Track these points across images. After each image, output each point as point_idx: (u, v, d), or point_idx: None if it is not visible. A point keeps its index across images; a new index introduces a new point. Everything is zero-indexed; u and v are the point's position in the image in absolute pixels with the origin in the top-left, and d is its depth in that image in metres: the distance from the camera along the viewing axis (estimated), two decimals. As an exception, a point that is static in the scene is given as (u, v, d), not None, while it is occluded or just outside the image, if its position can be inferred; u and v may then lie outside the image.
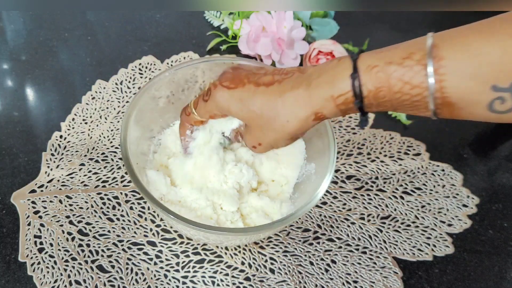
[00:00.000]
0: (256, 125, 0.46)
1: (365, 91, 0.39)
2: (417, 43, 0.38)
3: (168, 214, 0.47)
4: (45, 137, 0.67)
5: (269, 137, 0.46)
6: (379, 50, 0.40)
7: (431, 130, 0.73)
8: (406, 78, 0.37)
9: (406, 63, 0.37)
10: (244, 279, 0.57)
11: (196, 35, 0.84)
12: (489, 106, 0.36)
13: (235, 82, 0.46)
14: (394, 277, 0.58)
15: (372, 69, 0.39)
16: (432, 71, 0.36)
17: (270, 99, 0.43)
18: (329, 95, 0.41)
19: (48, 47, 0.80)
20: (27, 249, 0.57)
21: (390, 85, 0.38)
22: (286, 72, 0.45)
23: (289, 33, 0.74)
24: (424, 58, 0.36)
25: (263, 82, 0.44)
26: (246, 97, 0.45)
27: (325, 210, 0.63)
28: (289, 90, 0.42)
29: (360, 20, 0.89)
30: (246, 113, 0.45)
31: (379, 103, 0.40)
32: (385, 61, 0.38)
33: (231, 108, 0.46)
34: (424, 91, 0.37)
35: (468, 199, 0.66)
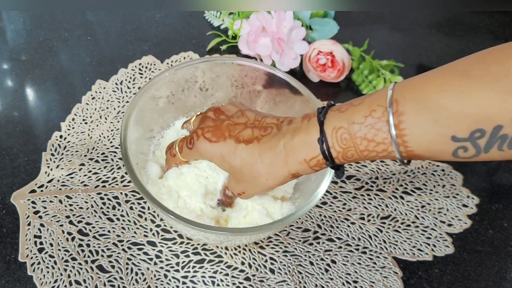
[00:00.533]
0: (238, 178, 0.49)
1: (333, 153, 0.41)
2: (379, 98, 0.39)
3: (168, 214, 0.47)
4: (45, 137, 0.67)
5: (251, 189, 0.49)
6: (344, 106, 0.41)
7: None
8: (370, 136, 0.39)
9: (368, 122, 0.38)
10: (244, 279, 0.57)
11: (196, 35, 0.84)
12: (454, 154, 0.37)
13: (217, 135, 0.48)
14: (394, 277, 0.58)
15: (337, 131, 0.40)
16: (393, 127, 0.37)
17: (250, 160, 0.46)
18: (302, 158, 0.43)
19: (48, 47, 0.79)
20: (27, 249, 0.57)
21: (356, 145, 0.40)
22: (265, 126, 0.47)
23: (289, 33, 0.74)
24: (385, 115, 0.37)
25: (243, 138, 0.46)
26: (227, 153, 0.47)
27: (325, 210, 0.63)
28: (268, 151, 0.45)
29: (360, 20, 0.89)
30: (228, 168, 0.48)
31: (348, 160, 0.42)
32: (348, 121, 0.40)
33: (213, 160, 0.49)
34: (388, 147, 0.38)
35: (468, 199, 0.66)
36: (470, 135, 0.35)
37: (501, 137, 0.34)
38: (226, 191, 0.54)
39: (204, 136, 0.49)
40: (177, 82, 0.61)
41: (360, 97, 0.41)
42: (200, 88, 0.63)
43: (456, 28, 0.89)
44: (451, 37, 0.87)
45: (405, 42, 0.85)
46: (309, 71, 0.77)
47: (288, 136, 0.44)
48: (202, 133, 0.49)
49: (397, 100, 0.37)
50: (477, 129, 0.34)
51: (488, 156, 0.36)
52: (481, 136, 0.34)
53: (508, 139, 0.34)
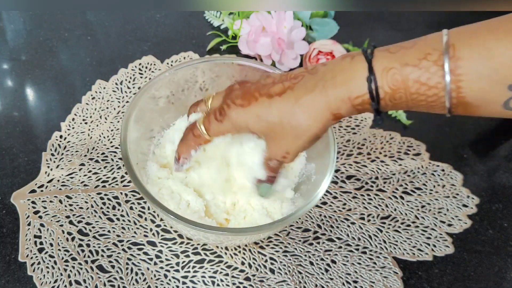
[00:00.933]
0: (279, 136, 0.45)
1: (381, 93, 0.39)
2: (432, 42, 0.38)
3: (168, 214, 0.47)
4: (45, 137, 0.67)
5: (295, 143, 0.45)
6: (393, 47, 0.40)
7: (431, 130, 0.73)
8: (423, 79, 0.37)
9: (422, 64, 0.37)
10: (244, 279, 0.57)
11: (196, 35, 0.84)
12: (505, 104, 0.36)
13: (248, 99, 0.45)
14: (394, 277, 0.58)
15: (389, 71, 0.38)
16: (449, 72, 0.36)
17: (287, 108, 0.43)
18: (346, 96, 0.41)
19: (48, 47, 0.79)
20: (27, 249, 0.57)
21: (407, 87, 0.38)
22: (294, 76, 0.44)
23: (289, 33, 0.74)
24: (440, 59, 0.36)
25: (275, 92, 0.44)
26: (262, 112, 0.44)
27: (325, 210, 0.63)
28: (304, 95, 0.42)
29: (360, 20, 0.89)
30: (266, 126, 0.45)
31: (394, 104, 0.40)
32: (401, 62, 0.38)
33: (249, 125, 0.46)
34: (440, 92, 0.37)
35: (468, 199, 0.66)
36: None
37: None
38: (269, 163, 0.50)
39: (234, 103, 0.46)
40: (177, 82, 0.61)
41: (410, 40, 0.40)
42: (200, 88, 0.63)
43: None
44: (451, 37, 0.86)
45: (405, 42, 0.84)
46: (309, 71, 0.77)
47: (328, 75, 0.42)
48: (232, 101, 0.46)
49: (454, 45, 0.36)
50: None
51: None
52: None
53: None
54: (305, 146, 0.46)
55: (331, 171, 0.52)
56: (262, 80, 0.47)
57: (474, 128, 0.75)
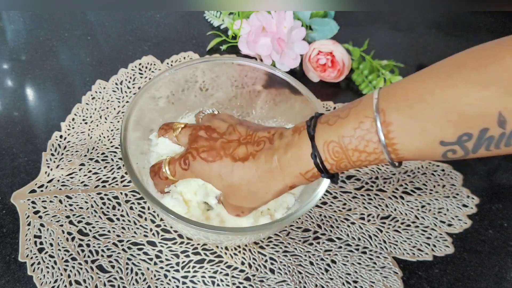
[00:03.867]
0: (236, 196, 0.49)
1: (327, 165, 0.42)
2: (365, 109, 0.40)
3: (168, 214, 0.47)
4: (45, 137, 0.67)
5: (250, 205, 0.50)
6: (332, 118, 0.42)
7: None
8: (361, 147, 0.40)
9: (357, 134, 0.39)
10: (244, 279, 0.57)
11: (196, 35, 0.84)
12: (443, 156, 0.38)
13: (212, 155, 0.48)
14: (394, 277, 0.58)
15: (329, 144, 0.41)
16: (383, 138, 0.38)
17: (249, 176, 0.46)
18: (298, 172, 0.44)
19: (48, 47, 0.79)
20: (27, 249, 0.57)
21: (348, 156, 0.41)
22: (257, 141, 0.47)
23: (289, 33, 0.74)
24: (373, 126, 0.39)
25: (239, 156, 0.47)
26: (224, 172, 0.48)
27: (325, 210, 0.63)
28: (263, 166, 0.46)
29: (360, 20, 0.89)
30: (226, 186, 0.48)
31: (342, 170, 0.43)
32: (338, 135, 0.41)
33: (211, 180, 0.49)
34: (380, 155, 0.40)
35: (468, 199, 0.66)
36: (458, 139, 0.36)
37: (488, 138, 0.35)
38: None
39: (200, 156, 0.49)
40: (177, 82, 0.61)
41: (346, 107, 0.42)
42: (200, 88, 0.63)
43: (456, 28, 0.88)
44: (451, 37, 0.87)
45: (405, 42, 0.85)
46: (309, 71, 0.77)
47: (281, 151, 0.45)
48: (198, 154, 0.49)
49: (384, 110, 0.38)
50: (464, 133, 0.35)
51: (476, 155, 0.37)
52: (468, 139, 0.36)
53: (495, 140, 0.35)
54: (259, 207, 0.51)
55: None
56: (227, 135, 0.49)
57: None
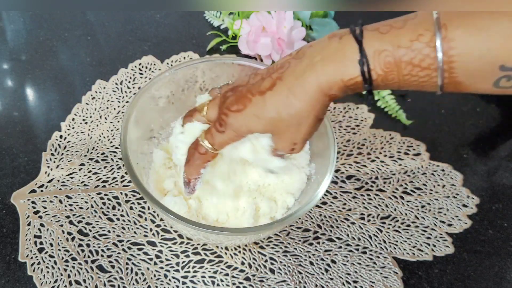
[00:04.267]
0: (282, 129, 0.45)
1: (374, 76, 0.39)
2: (424, 21, 0.37)
3: (168, 214, 0.47)
4: (45, 137, 0.67)
5: (299, 131, 0.45)
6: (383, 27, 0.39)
7: (431, 130, 0.73)
8: (416, 61, 0.37)
9: (415, 46, 0.37)
10: (244, 279, 0.57)
11: (196, 35, 0.84)
12: (495, 83, 0.36)
13: (242, 102, 0.45)
14: (394, 277, 0.58)
15: (381, 53, 0.38)
16: (441, 53, 0.36)
17: (282, 99, 0.42)
18: (339, 79, 0.40)
19: (48, 47, 0.79)
20: (27, 249, 0.57)
21: (400, 69, 0.38)
22: (281, 65, 0.44)
23: (289, 33, 0.74)
24: (432, 40, 0.36)
25: (266, 87, 0.43)
26: (259, 110, 0.44)
27: (325, 210, 0.63)
28: (295, 82, 0.42)
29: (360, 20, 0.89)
30: (267, 123, 0.44)
31: (386, 84, 0.40)
32: (393, 44, 0.38)
33: (250, 127, 0.45)
34: (433, 72, 0.37)
35: (468, 199, 0.66)
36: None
37: None
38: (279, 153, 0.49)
39: (231, 110, 0.45)
40: (177, 82, 0.60)
41: (400, 18, 0.39)
42: (200, 88, 0.63)
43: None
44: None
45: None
46: (309, 71, 0.77)
47: (317, 57, 0.41)
48: (229, 109, 0.46)
49: (446, 25, 0.36)
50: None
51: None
52: None
53: None
54: (310, 132, 0.45)
55: (331, 171, 0.52)
56: (251, 80, 0.46)
57: (474, 128, 0.74)
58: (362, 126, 0.72)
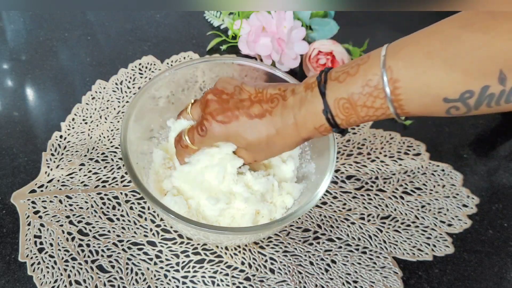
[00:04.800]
0: (253, 149, 0.51)
1: (338, 120, 0.45)
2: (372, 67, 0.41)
3: (168, 214, 0.47)
4: (45, 137, 0.67)
5: (265, 155, 0.52)
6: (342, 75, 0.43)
7: (431, 130, 0.73)
8: (369, 103, 0.42)
9: (365, 91, 0.41)
10: (244, 279, 0.57)
11: (196, 35, 0.84)
12: (447, 112, 0.40)
13: (228, 116, 0.49)
14: (394, 277, 0.58)
15: (339, 101, 0.43)
16: (389, 95, 0.40)
17: (267, 132, 0.48)
18: (313, 127, 0.46)
19: (48, 47, 0.79)
20: (27, 249, 0.57)
21: (357, 112, 0.43)
22: (270, 99, 0.49)
23: (289, 33, 0.74)
24: (380, 83, 0.40)
25: (255, 114, 0.48)
26: (242, 130, 0.49)
27: (325, 210, 0.63)
28: (280, 122, 0.48)
29: (360, 20, 0.89)
30: (245, 143, 0.50)
31: (352, 125, 0.45)
32: (347, 92, 0.42)
33: (230, 139, 0.51)
34: (386, 111, 0.42)
35: (468, 199, 0.66)
36: (460, 96, 0.37)
37: (489, 95, 0.37)
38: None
39: (215, 119, 0.50)
40: (177, 82, 0.60)
41: (355, 63, 0.43)
42: (200, 88, 0.63)
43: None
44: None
45: (405, 42, 0.84)
46: (309, 71, 0.77)
47: (296, 108, 0.47)
48: (213, 117, 0.50)
49: (391, 68, 0.39)
50: (466, 91, 0.37)
51: (478, 111, 0.39)
52: (470, 97, 0.37)
53: (496, 96, 0.37)
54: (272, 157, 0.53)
55: (331, 171, 0.52)
56: (237, 94, 0.50)
57: (474, 128, 0.74)
58: (362, 126, 0.72)
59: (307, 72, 0.78)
